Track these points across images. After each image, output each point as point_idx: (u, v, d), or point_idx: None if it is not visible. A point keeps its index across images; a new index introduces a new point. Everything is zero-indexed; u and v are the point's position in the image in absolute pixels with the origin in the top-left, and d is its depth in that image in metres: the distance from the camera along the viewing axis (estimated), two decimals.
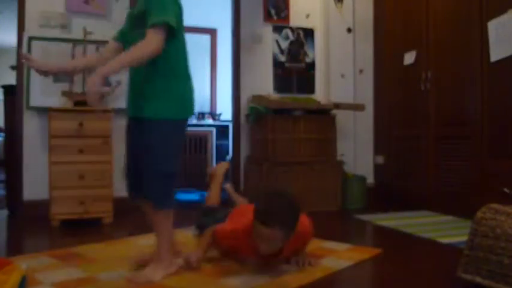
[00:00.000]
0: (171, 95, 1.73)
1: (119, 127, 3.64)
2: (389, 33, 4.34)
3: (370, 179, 4.42)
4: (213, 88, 6.02)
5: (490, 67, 3.16)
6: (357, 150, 4.46)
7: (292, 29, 4.35)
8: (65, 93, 3.36)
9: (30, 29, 3.48)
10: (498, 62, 3.08)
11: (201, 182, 5.27)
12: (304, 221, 1.94)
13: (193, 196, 4.50)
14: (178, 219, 2.90)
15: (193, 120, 5.59)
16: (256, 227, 1.77)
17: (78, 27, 3.56)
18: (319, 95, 4.38)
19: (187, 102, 1.80)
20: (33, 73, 3.44)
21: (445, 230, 2.96)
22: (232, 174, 4.30)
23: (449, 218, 3.37)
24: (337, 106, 3.97)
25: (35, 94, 3.44)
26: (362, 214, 3.55)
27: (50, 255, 2.24)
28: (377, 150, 4.51)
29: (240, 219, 2.02)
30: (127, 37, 1.88)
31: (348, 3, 4.47)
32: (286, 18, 4.33)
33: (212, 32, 6.05)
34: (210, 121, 5.63)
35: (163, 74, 1.71)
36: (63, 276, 1.91)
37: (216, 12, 5.72)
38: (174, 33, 1.69)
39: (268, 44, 4.27)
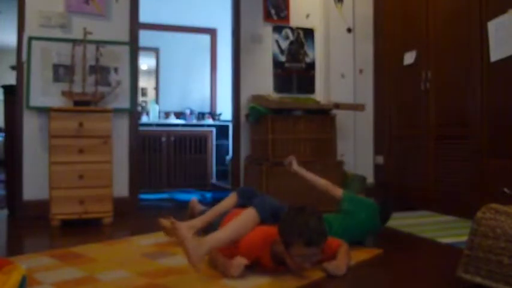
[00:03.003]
0: None
1: (119, 127, 3.66)
2: (389, 33, 4.34)
3: (370, 179, 4.41)
4: (213, 88, 6.01)
5: (490, 67, 3.16)
6: (357, 150, 4.46)
7: (292, 29, 4.35)
8: (65, 93, 3.36)
9: (30, 29, 3.48)
10: (498, 62, 3.08)
11: (201, 182, 5.29)
12: None
13: (193, 196, 4.49)
14: (178, 219, 2.89)
15: (193, 120, 5.60)
16: (297, 249, 1.82)
17: (78, 27, 3.56)
18: (319, 95, 4.38)
19: None
20: (33, 73, 3.45)
21: (445, 230, 2.96)
22: (232, 174, 4.30)
23: (449, 218, 3.37)
24: (337, 106, 3.97)
25: (35, 94, 3.44)
26: None
27: (50, 255, 2.24)
28: (377, 150, 4.51)
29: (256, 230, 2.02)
30: None
31: (348, 3, 4.47)
32: (286, 18, 4.33)
33: (212, 32, 6.05)
34: (210, 121, 5.62)
35: None
36: (63, 276, 1.91)
37: (216, 12, 5.73)
38: None
39: (268, 44, 4.27)
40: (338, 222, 2.38)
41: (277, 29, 4.30)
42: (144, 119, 5.40)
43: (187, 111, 5.64)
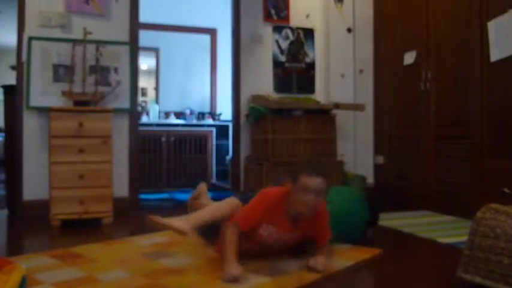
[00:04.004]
0: None
1: (119, 127, 3.66)
2: (389, 33, 4.34)
3: (370, 179, 4.42)
4: (213, 88, 6.02)
5: (490, 67, 3.16)
6: (357, 150, 4.46)
7: (292, 29, 4.35)
8: (65, 93, 3.36)
9: (30, 29, 3.48)
10: (498, 62, 3.08)
11: (201, 182, 5.28)
12: None
13: None
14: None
15: (193, 120, 5.60)
16: (302, 181, 1.91)
17: (78, 27, 3.56)
18: (319, 95, 4.38)
19: None
20: (33, 73, 3.44)
21: (445, 230, 2.96)
22: (232, 174, 4.30)
23: (449, 218, 3.37)
24: (337, 106, 3.98)
25: (35, 94, 3.44)
26: None
27: (50, 255, 2.24)
28: (377, 150, 4.51)
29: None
30: None
31: (348, 3, 4.47)
32: (286, 18, 4.33)
33: (212, 32, 6.05)
34: (210, 121, 5.63)
35: None
36: (63, 276, 1.91)
37: (216, 12, 5.73)
38: None
39: (268, 44, 4.27)
40: (330, 212, 2.38)
41: (277, 29, 4.30)
42: (144, 119, 5.40)
43: (187, 111, 5.64)
